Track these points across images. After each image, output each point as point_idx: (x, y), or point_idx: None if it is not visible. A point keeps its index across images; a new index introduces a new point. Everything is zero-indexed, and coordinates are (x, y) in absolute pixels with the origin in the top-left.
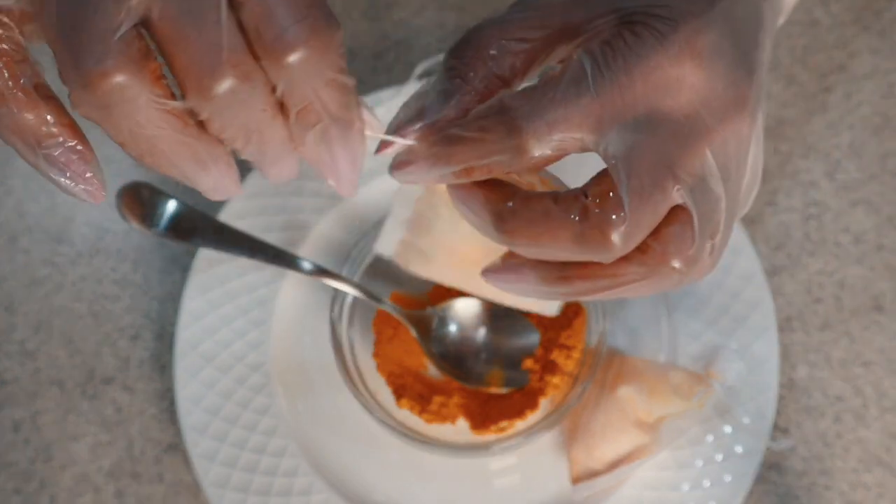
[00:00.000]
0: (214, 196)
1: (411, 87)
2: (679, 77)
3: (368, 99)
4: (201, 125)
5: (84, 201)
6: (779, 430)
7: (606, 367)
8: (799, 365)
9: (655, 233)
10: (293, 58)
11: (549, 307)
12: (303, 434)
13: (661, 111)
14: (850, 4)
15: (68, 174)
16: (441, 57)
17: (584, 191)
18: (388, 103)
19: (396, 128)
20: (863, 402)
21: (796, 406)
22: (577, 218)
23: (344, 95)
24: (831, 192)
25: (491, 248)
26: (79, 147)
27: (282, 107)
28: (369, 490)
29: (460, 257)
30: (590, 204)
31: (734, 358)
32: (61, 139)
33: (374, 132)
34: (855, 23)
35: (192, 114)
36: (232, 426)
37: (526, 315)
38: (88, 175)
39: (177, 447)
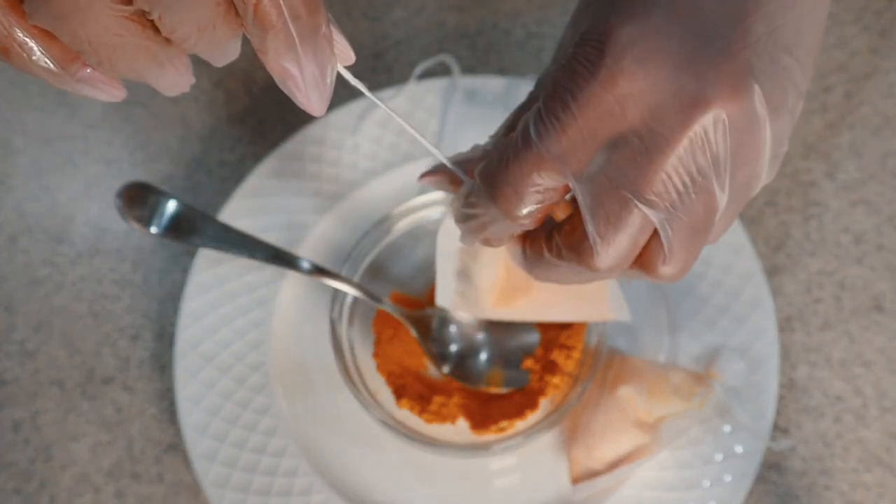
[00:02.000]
0: (170, 92)
1: (411, 87)
2: (619, 97)
3: (368, 99)
4: (154, 26)
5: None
6: (779, 430)
7: (606, 367)
8: (799, 365)
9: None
10: None
11: (621, 312)
12: (303, 434)
13: (615, 135)
14: (849, 4)
15: (95, 87)
16: (441, 57)
17: (556, 230)
18: (387, 103)
19: (454, 160)
20: (863, 402)
21: (796, 406)
22: (557, 257)
23: None
24: (831, 193)
25: (521, 279)
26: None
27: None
28: (369, 490)
29: (502, 294)
30: (560, 243)
31: (734, 358)
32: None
33: (345, 63)
34: (855, 23)
35: (144, 14)
36: (232, 426)
37: None
38: (109, 81)
39: (177, 447)
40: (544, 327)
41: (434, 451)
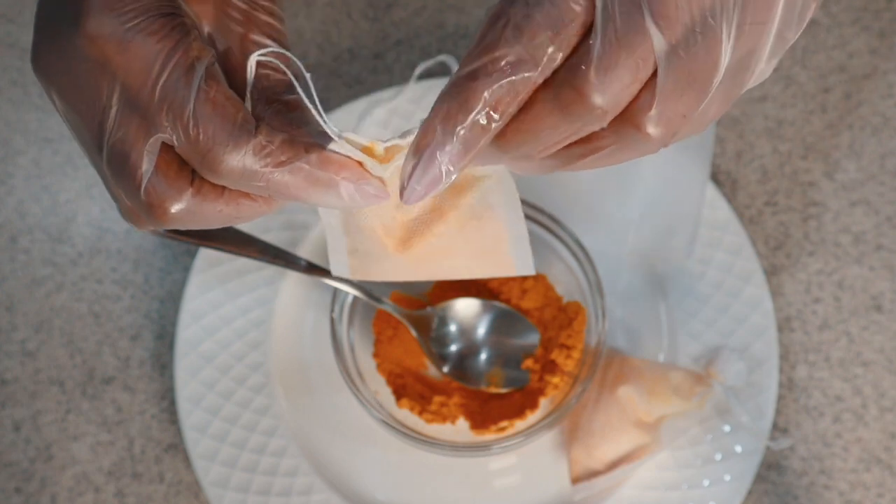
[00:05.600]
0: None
1: (411, 88)
2: None
3: (368, 99)
4: None
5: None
6: (778, 429)
7: (606, 367)
8: (798, 365)
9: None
10: None
11: (524, 266)
12: (303, 434)
13: None
14: (849, 5)
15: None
16: (441, 57)
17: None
18: (387, 104)
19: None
20: (862, 402)
21: (796, 406)
22: (551, 94)
23: None
24: (830, 193)
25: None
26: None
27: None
28: (369, 490)
29: (400, 238)
30: (557, 83)
31: (734, 358)
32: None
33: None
34: (854, 23)
35: None
36: (232, 426)
37: (526, 315)
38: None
39: (177, 447)
40: (544, 327)
41: (434, 451)
